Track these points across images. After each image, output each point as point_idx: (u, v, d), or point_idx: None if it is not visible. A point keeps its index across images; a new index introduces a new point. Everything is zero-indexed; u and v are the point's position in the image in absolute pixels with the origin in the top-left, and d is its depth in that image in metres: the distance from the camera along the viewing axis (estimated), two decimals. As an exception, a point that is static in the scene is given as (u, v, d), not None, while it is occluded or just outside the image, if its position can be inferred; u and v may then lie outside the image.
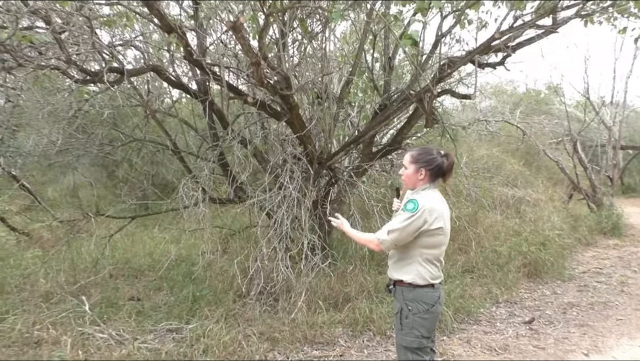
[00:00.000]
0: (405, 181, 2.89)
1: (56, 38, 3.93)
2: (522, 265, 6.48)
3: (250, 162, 5.58)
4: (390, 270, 2.92)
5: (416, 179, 2.83)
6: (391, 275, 2.91)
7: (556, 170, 11.94)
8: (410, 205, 2.71)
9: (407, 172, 2.85)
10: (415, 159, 2.83)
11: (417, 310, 2.76)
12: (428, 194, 2.80)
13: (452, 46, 6.06)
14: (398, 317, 2.82)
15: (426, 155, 2.83)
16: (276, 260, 4.82)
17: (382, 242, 2.75)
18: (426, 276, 2.77)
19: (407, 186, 2.91)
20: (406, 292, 2.80)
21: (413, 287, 2.78)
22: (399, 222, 2.71)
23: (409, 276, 2.78)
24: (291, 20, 4.95)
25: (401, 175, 2.91)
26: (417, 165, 2.82)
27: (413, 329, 2.76)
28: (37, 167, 9.49)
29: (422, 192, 2.82)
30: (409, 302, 2.78)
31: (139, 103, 6.45)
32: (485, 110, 13.04)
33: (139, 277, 6.02)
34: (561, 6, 4.62)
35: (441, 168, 2.82)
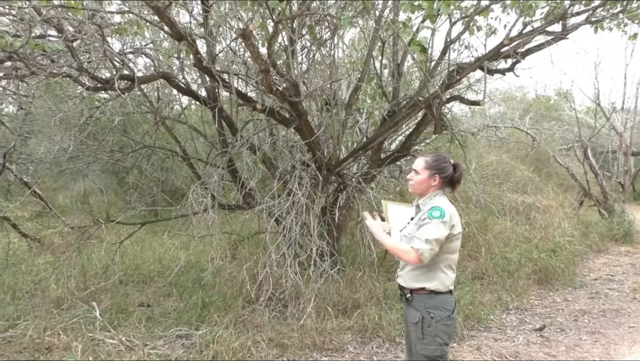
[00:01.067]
0: (415, 187, 2.85)
1: (68, 46, 3.98)
2: (532, 271, 6.43)
3: (259, 168, 5.59)
4: (406, 279, 2.85)
5: (428, 185, 2.82)
6: (408, 284, 2.83)
7: (566, 177, 11.86)
8: (436, 213, 2.68)
9: (420, 178, 2.82)
10: (430, 165, 2.82)
11: (440, 317, 2.74)
12: (444, 199, 2.81)
13: (461, 52, 6.07)
14: (419, 326, 2.75)
15: (441, 163, 2.83)
16: (285, 266, 4.82)
17: (422, 253, 2.63)
18: (447, 282, 2.78)
19: (415, 191, 2.87)
20: (427, 300, 2.76)
21: (435, 294, 2.76)
22: (433, 231, 2.65)
23: (432, 283, 2.76)
24: (300, 27, 4.97)
25: (410, 180, 2.87)
26: (431, 171, 2.81)
27: (436, 336, 2.73)
28: (48, 174, 9.58)
29: (437, 198, 2.82)
30: (432, 310, 2.74)
31: (149, 110, 6.51)
32: (495, 116, 13.01)
33: (149, 283, 6.05)
34: (571, 13, 4.61)
35: (452, 178, 2.83)
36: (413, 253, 2.65)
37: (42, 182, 9.32)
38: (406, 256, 2.68)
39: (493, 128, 10.30)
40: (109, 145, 6.84)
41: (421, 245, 2.63)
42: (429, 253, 2.63)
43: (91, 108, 5.79)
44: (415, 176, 2.85)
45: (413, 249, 2.65)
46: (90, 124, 6.09)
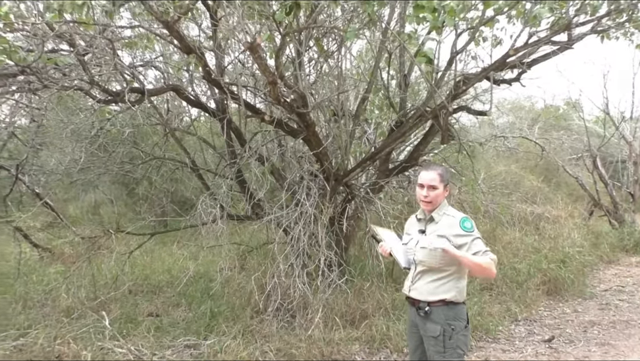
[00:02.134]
0: (434, 202, 2.83)
1: (79, 60, 4.07)
2: (541, 282, 6.38)
3: (267, 179, 5.64)
4: (422, 292, 2.82)
5: (442, 198, 2.86)
6: (425, 297, 2.81)
7: (576, 187, 11.78)
8: (468, 224, 2.73)
9: (438, 192, 2.82)
10: (443, 177, 2.85)
11: (459, 328, 2.76)
12: (454, 209, 2.89)
13: (468, 63, 6.10)
14: (440, 340, 2.74)
15: (448, 173, 2.90)
16: (293, 276, 4.84)
17: (495, 260, 2.69)
18: (463, 292, 2.82)
19: (432, 206, 2.85)
20: (447, 311, 2.77)
21: (454, 305, 2.78)
22: (481, 241, 2.71)
23: (451, 294, 2.77)
24: (307, 40, 5.04)
25: (427, 197, 2.82)
26: (444, 183, 2.85)
27: (457, 348, 2.74)
28: (60, 185, 9.70)
29: (449, 208, 2.88)
30: (452, 321, 2.75)
31: (158, 121, 6.59)
32: (503, 126, 12.98)
33: (158, 293, 6.08)
34: (576, 23, 4.63)
35: None
36: (493, 266, 2.67)
37: (53, 193, 9.42)
38: (493, 269, 2.67)
39: (501, 138, 10.29)
40: (119, 157, 6.92)
41: (493, 255, 2.70)
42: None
43: (102, 120, 5.87)
44: (432, 192, 2.82)
45: (493, 260, 2.68)
46: (101, 136, 6.18)
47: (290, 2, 3.30)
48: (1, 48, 3.33)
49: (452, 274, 2.78)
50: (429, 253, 2.77)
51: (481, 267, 2.65)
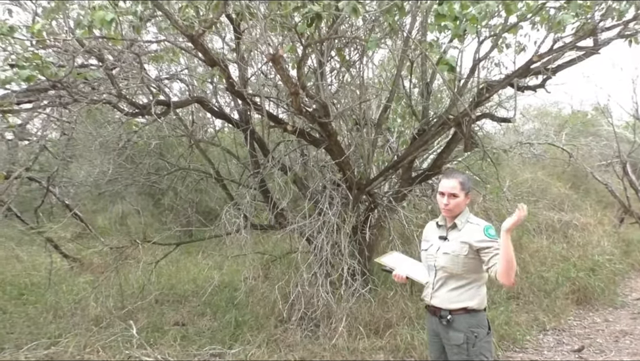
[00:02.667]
0: (454, 209, 2.83)
1: (108, 74, 4.18)
2: (570, 291, 6.26)
3: (290, 188, 5.67)
4: (444, 300, 2.82)
5: (463, 205, 2.86)
6: (447, 305, 2.80)
7: (605, 193, 11.52)
8: (492, 231, 2.73)
9: (459, 200, 2.82)
10: (464, 185, 2.84)
11: (482, 335, 2.75)
12: (475, 217, 2.87)
13: (491, 70, 6.05)
14: (464, 348, 2.73)
15: (469, 181, 2.89)
16: (316, 285, 4.85)
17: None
18: (485, 300, 2.82)
19: (453, 213, 2.85)
20: (469, 319, 2.76)
21: (476, 312, 2.77)
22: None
23: (474, 301, 2.77)
24: (328, 50, 5.07)
25: (447, 205, 2.82)
26: (465, 191, 2.84)
27: (481, 355, 2.73)
28: (88, 196, 9.91)
29: (471, 216, 2.88)
30: (475, 328, 2.75)
31: (184, 133, 6.70)
32: (528, 132, 12.81)
33: (184, 303, 6.16)
34: (602, 28, 4.56)
35: None
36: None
37: (82, 205, 9.64)
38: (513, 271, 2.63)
39: (527, 144, 10.14)
40: (146, 168, 7.04)
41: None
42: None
43: (130, 132, 6.00)
44: (452, 200, 2.81)
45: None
46: (128, 148, 6.31)
47: (312, 14, 3.34)
48: (34, 64, 3.45)
49: (474, 281, 2.77)
50: (452, 259, 2.78)
51: (513, 264, 2.60)
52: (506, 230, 2.56)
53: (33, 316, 5.55)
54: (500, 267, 2.62)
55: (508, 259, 2.58)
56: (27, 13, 4.92)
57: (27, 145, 7.77)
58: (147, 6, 3.94)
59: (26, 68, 3.49)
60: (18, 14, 4.67)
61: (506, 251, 2.58)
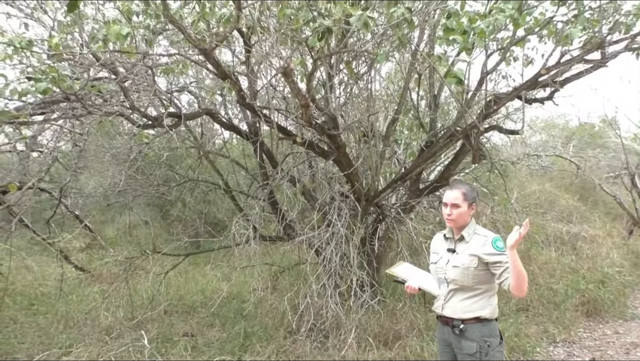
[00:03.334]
0: (457, 220, 2.88)
1: (121, 87, 4.25)
2: (580, 303, 6.22)
3: (299, 200, 5.70)
4: (456, 310, 2.85)
5: (468, 216, 2.88)
6: (459, 315, 2.83)
7: (614, 205, 11.47)
8: (500, 243, 2.76)
9: (462, 210, 2.86)
10: (467, 196, 2.87)
11: (494, 344, 2.78)
12: (484, 229, 2.89)
13: (498, 82, 6.09)
14: (477, 357, 2.76)
15: (474, 191, 2.91)
16: (325, 297, 4.86)
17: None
18: (496, 309, 2.86)
19: (457, 225, 2.90)
20: (482, 328, 2.79)
21: (488, 321, 2.80)
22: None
23: (486, 311, 2.80)
24: (337, 63, 5.13)
25: (450, 215, 2.87)
26: (468, 201, 2.87)
27: None
28: (97, 207, 9.99)
29: (479, 228, 2.91)
30: (487, 338, 2.77)
31: (193, 144, 6.77)
32: (536, 144, 12.80)
33: (193, 314, 6.18)
34: (610, 41, 4.59)
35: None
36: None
37: (91, 215, 9.72)
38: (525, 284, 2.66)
39: (535, 156, 10.14)
40: (156, 180, 7.11)
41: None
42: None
43: (141, 144, 6.08)
44: (455, 210, 2.86)
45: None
46: (139, 159, 6.38)
47: (322, 28, 3.39)
48: (50, 77, 3.52)
49: (485, 292, 2.80)
50: (462, 272, 2.80)
51: (525, 278, 2.64)
52: (510, 247, 2.60)
53: (44, 326, 5.59)
54: (512, 282, 2.65)
55: (518, 275, 2.62)
56: (42, 27, 5.03)
57: (39, 156, 7.88)
58: (159, 20, 4.02)
59: (43, 81, 3.56)
60: (33, 28, 4.75)
61: (514, 266, 2.62)
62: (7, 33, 4.14)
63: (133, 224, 11.32)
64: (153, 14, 3.88)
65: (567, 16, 4.16)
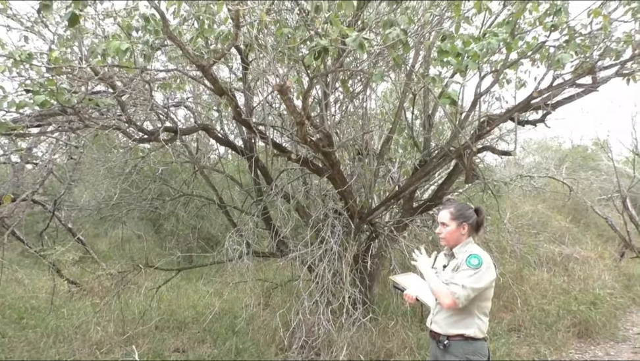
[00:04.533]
0: (447, 238, 2.93)
1: (119, 101, 4.29)
2: (572, 324, 6.23)
3: (292, 216, 5.72)
4: (442, 325, 2.89)
5: (459, 235, 2.91)
6: (445, 330, 2.87)
7: (606, 227, 11.54)
8: (475, 261, 2.77)
9: (450, 229, 2.91)
10: (455, 215, 2.92)
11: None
12: (477, 247, 2.89)
13: (492, 104, 6.18)
14: None
15: (465, 210, 2.94)
16: (317, 314, 4.85)
17: (458, 298, 2.71)
18: (483, 329, 2.85)
19: (448, 243, 2.95)
20: (466, 346, 2.81)
21: (473, 340, 2.82)
22: (470, 278, 2.72)
23: (470, 330, 2.81)
24: (333, 82, 5.20)
25: (440, 233, 2.96)
26: (458, 220, 2.91)
27: None
28: (90, 220, 9.96)
29: (470, 246, 2.91)
30: (471, 356, 2.79)
31: (188, 159, 6.79)
32: (529, 166, 12.92)
33: (184, 329, 6.14)
34: (601, 66, 4.68)
35: (477, 222, 2.93)
36: (450, 297, 2.72)
37: (84, 229, 9.68)
38: (444, 298, 2.75)
39: (527, 177, 10.24)
40: (150, 194, 7.11)
41: (457, 290, 2.71)
42: (465, 298, 2.70)
43: (137, 158, 6.10)
44: (444, 229, 2.94)
45: (450, 293, 2.72)
46: (133, 173, 6.40)
47: (319, 48, 3.45)
48: (49, 90, 3.55)
49: (470, 311, 2.81)
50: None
51: (439, 294, 2.79)
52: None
53: (33, 340, 5.53)
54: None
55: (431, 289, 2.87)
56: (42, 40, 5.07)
57: (33, 168, 7.88)
58: (158, 36, 4.07)
59: (41, 94, 3.59)
60: (32, 41, 4.79)
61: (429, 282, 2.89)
62: (7, 46, 4.17)
63: (126, 238, 11.29)
64: (153, 30, 3.93)
65: (559, 41, 4.25)
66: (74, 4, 3.33)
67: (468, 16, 4.68)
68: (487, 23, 4.89)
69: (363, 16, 4.45)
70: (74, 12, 3.35)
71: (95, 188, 7.59)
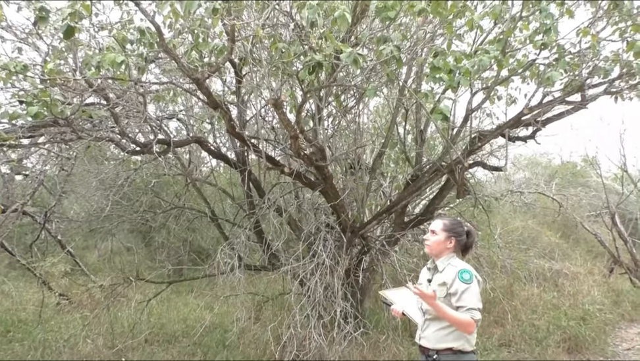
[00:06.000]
0: (432, 247, 2.97)
1: (112, 113, 4.29)
2: (562, 340, 6.24)
3: (284, 230, 5.73)
4: (430, 340, 2.89)
5: (444, 247, 2.94)
6: (433, 345, 2.87)
7: (595, 243, 11.62)
8: (466, 275, 2.79)
9: (437, 239, 2.94)
10: (448, 228, 2.95)
11: None
12: (462, 261, 2.91)
13: (483, 120, 6.26)
14: None
15: (459, 227, 2.96)
16: (309, 328, 4.84)
17: (479, 320, 2.74)
18: (471, 341, 2.86)
19: (431, 252, 2.99)
20: (455, 359, 2.83)
21: (462, 353, 2.83)
22: (473, 296, 2.75)
23: (459, 343, 2.82)
24: (327, 96, 5.24)
25: (427, 240, 2.99)
26: (448, 233, 2.93)
27: None
28: (79, 233, 9.87)
29: (456, 260, 2.93)
30: None
31: (180, 172, 6.78)
32: (519, 181, 13.01)
33: (174, 343, 6.08)
34: (589, 85, 4.77)
35: (465, 244, 2.97)
36: (473, 325, 2.73)
37: (72, 241, 9.59)
38: (468, 328, 2.74)
39: (518, 193, 10.30)
40: (142, 206, 7.08)
41: (476, 314, 2.73)
42: (480, 316, 2.74)
43: (129, 170, 6.09)
44: (432, 237, 2.97)
45: (473, 322, 2.72)
46: (125, 185, 6.38)
47: (313, 63, 3.49)
48: (42, 102, 3.55)
49: None
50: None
51: (457, 323, 2.75)
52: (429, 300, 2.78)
53: (20, 354, 5.46)
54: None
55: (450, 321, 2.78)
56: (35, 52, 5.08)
57: (23, 179, 7.82)
58: (152, 49, 4.09)
59: (35, 105, 3.60)
60: (26, 52, 4.80)
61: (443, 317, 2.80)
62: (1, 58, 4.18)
63: (116, 250, 11.20)
64: (147, 42, 3.96)
65: (549, 59, 4.33)
66: (70, 17, 3.35)
67: (460, 34, 4.76)
68: (479, 40, 4.98)
69: (357, 32, 4.51)
70: (70, 24, 3.38)
71: (86, 199, 7.55)
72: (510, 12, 4.18)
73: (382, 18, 3.81)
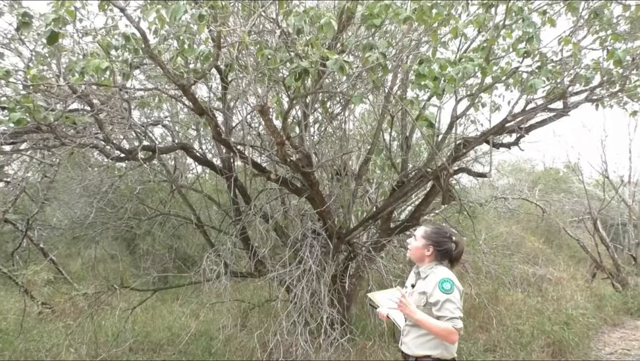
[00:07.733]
0: (412, 252, 3.01)
1: (96, 119, 4.25)
2: (546, 344, 6.30)
3: (271, 236, 5.71)
4: (410, 346, 2.90)
5: (422, 254, 2.95)
6: (413, 352, 2.88)
7: (577, 249, 11.77)
8: (447, 285, 2.78)
9: (416, 245, 2.98)
10: (428, 235, 2.96)
11: None
12: (445, 269, 2.92)
13: (467, 127, 6.32)
14: None
15: (439, 236, 2.96)
16: (295, 334, 4.82)
17: (461, 328, 2.74)
18: (451, 350, 2.84)
19: (411, 257, 3.03)
20: None
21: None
22: (453, 307, 2.73)
23: (437, 351, 2.82)
24: (313, 103, 5.26)
25: (408, 244, 3.04)
26: (427, 241, 2.95)
27: None
28: (62, 240, 9.73)
29: (440, 268, 2.93)
30: None
31: (165, 178, 6.74)
32: (503, 187, 13.13)
33: (159, 351, 6.01)
34: (571, 92, 4.85)
35: (448, 253, 2.96)
36: (455, 334, 2.72)
37: (55, 248, 9.46)
38: (451, 337, 2.72)
39: (502, 199, 10.40)
40: (126, 213, 7.01)
41: (458, 323, 2.72)
42: (462, 324, 2.74)
43: (114, 177, 6.03)
44: (412, 242, 3.01)
45: (455, 331, 2.71)
46: (109, 192, 6.31)
47: (299, 69, 3.51)
48: (25, 107, 3.51)
49: None
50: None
51: (439, 333, 2.73)
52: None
53: (0, 364, 5.36)
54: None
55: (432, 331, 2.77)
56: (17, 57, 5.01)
57: (5, 186, 7.69)
58: (137, 54, 4.07)
59: (17, 111, 3.55)
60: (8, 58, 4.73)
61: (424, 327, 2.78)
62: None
63: (100, 258, 11.05)
64: (132, 48, 3.94)
65: (532, 67, 4.39)
66: (54, 23, 3.32)
67: (445, 41, 4.81)
68: (463, 48, 5.04)
69: (343, 39, 4.54)
70: (54, 30, 3.34)
71: (70, 207, 7.45)
72: (494, 20, 4.24)
73: (368, 26, 3.84)
